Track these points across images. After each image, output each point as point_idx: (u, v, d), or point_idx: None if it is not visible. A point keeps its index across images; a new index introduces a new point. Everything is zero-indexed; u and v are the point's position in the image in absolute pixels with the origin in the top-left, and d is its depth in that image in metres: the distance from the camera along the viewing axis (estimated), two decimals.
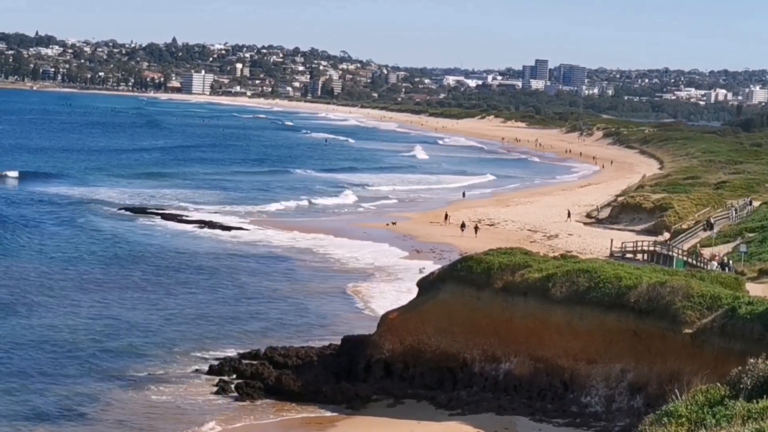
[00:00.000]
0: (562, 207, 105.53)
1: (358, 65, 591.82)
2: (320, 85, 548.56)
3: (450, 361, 45.96)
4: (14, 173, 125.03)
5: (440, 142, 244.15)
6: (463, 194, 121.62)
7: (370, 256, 77.58)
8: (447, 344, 46.16)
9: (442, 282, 47.79)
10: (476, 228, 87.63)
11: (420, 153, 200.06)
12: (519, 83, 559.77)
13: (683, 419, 16.03)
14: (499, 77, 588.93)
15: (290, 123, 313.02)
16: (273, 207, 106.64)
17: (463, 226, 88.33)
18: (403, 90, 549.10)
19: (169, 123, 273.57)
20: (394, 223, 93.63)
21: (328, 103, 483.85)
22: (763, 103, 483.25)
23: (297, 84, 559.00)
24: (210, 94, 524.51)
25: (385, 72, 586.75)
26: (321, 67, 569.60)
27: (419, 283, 49.88)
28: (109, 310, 57.51)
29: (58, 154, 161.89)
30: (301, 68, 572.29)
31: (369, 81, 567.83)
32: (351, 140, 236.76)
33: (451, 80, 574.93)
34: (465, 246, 75.71)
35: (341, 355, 48.19)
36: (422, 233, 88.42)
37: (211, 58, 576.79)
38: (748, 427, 14.04)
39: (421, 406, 43.09)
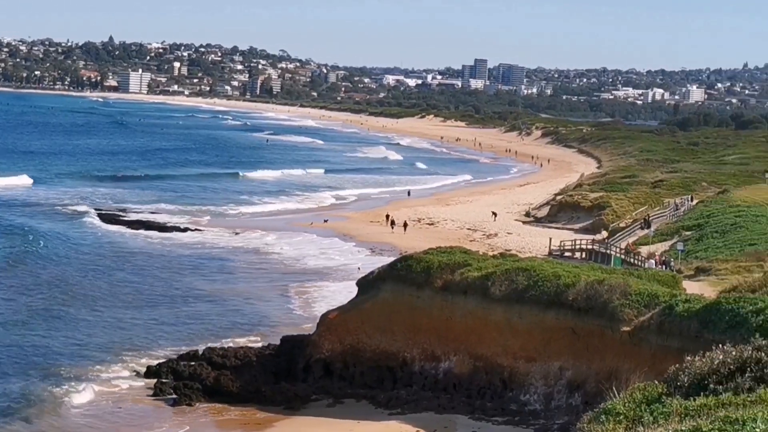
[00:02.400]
0: (501, 206, 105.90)
1: (298, 64, 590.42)
2: (259, 84, 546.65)
3: (390, 360, 45.90)
4: None
5: (401, 143, 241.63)
6: (408, 193, 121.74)
7: (310, 256, 77.41)
8: (387, 343, 46.09)
9: (382, 281, 47.71)
10: (405, 225, 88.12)
11: (390, 154, 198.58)
12: (458, 83, 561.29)
13: (621, 417, 16.03)
14: (439, 77, 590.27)
15: (249, 123, 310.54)
16: (220, 208, 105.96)
17: (392, 223, 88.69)
18: (343, 89, 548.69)
19: (143, 125, 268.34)
20: (326, 221, 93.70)
21: (267, 102, 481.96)
22: (700, 103, 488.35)
23: (235, 83, 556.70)
24: (147, 93, 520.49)
25: (325, 71, 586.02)
26: (260, 66, 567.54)
27: (359, 283, 49.76)
28: (45, 310, 56.71)
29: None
30: (239, 67, 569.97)
31: (308, 80, 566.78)
32: (320, 141, 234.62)
33: (390, 79, 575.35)
34: (405, 245, 75.73)
35: (280, 355, 47.96)
36: (362, 233, 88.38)
37: (148, 57, 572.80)
38: (685, 424, 14.06)
39: (360, 406, 42.99)
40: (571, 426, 29.80)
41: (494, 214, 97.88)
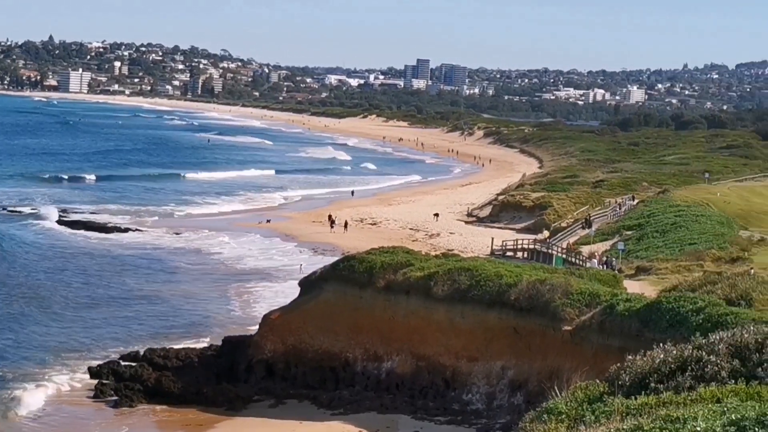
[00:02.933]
0: (443, 206, 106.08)
1: (239, 64, 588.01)
2: (201, 83, 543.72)
3: (332, 360, 45.81)
4: None
5: (348, 143, 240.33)
6: (352, 193, 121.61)
7: (252, 257, 77.18)
8: (329, 344, 46.00)
9: (325, 281, 47.63)
10: (345, 225, 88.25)
11: (339, 155, 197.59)
12: (401, 82, 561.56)
13: (563, 416, 16.06)
14: (381, 76, 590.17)
15: (196, 123, 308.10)
16: (162, 209, 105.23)
17: (332, 223, 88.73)
18: (285, 89, 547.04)
19: (88, 125, 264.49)
20: (268, 221, 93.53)
21: (209, 102, 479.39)
22: (640, 103, 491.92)
23: (177, 83, 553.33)
24: (88, 93, 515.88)
25: (267, 71, 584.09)
26: (201, 66, 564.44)
27: (301, 283, 49.63)
28: None
29: None
30: (180, 67, 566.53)
31: (250, 80, 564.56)
32: (267, 142, 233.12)
33: (333, 79, 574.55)
34: (347, 245, 75.66)
35: (222, 355, 47.74)
36: (305, 233, 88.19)
37: (88, 56, 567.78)
38: (627, 423, 14.09)
39: (303, 406, 42.87)
40: (513, 425, 29.88)
41: (436, 214, 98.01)
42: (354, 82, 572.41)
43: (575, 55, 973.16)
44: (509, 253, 71.24)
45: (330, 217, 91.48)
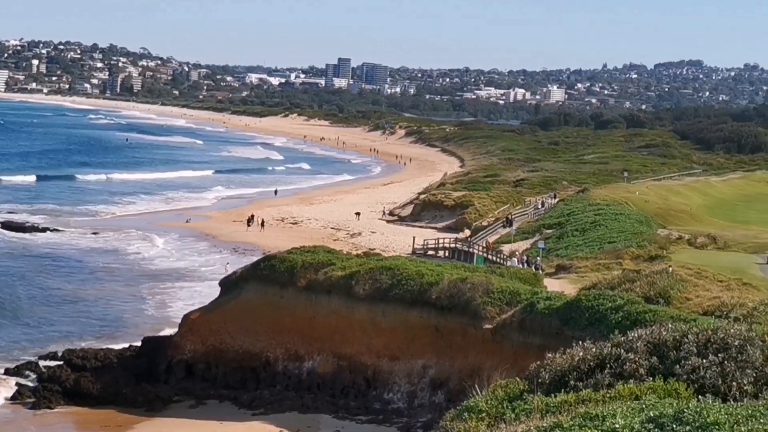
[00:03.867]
0: (365, 205, 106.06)
1: (159, 62, 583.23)
2: (119, 82, 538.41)
3: (253, 360, 45.61)
4: None
5: (275, 143, 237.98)
6: (275, 192, 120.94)
7: (169, 257, 76.63)
8: (250, 343, 45.78)
9: (245, 281, 47.40)
10: (262, 223, 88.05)
11: (272, 154, 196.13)
12: (322, 81, 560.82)
13: (483, 414, 16.05)
14: (303, 75, 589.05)
15: (123, 122, 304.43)
16: (80, 208, 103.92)
17: (249, 221, 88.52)
18: (205, 87, 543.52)
19: (12, 124, 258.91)
20: (188, 221, 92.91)
21: (128, 101, 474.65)
22: (560, 102, 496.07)
23: (95, 81, 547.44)
24: (5, 91, 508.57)
25: (187, 69, 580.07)
26: (120, 64, 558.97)
27: (221, 283, 49.36)
28: None
29: None
30: (99, 65, 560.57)
31: (170, 78, 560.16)
32: (198, 141, 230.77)
33: (253, 78, 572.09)
34: (268, 245, 75.34)
35: (141, 356, 47.31)
36: (224, 232, 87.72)
37: (6, 54, 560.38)
38: (547, 421, 14.12)
39: (223, 407, 42.63)
40: (434, 424, 29.92)
41: (358, 213, 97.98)
42: (275, 80, 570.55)
43: (496, 55, 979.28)
44: (430, 252, 71.38)
45: (252, 216, 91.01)
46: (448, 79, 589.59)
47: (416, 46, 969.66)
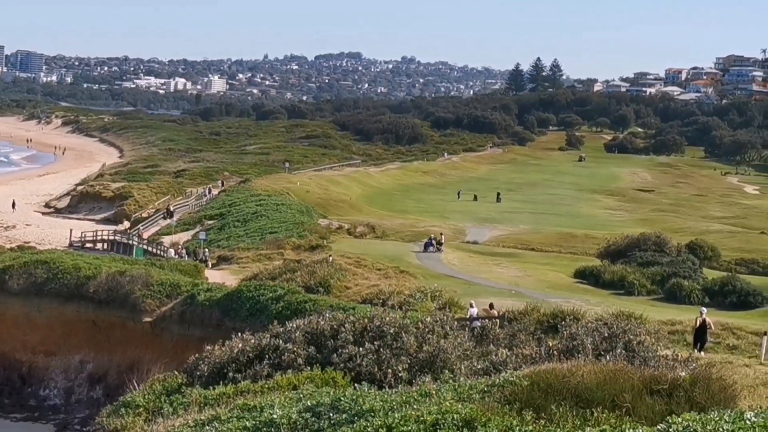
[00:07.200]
0: (19, 196, 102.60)
1: None
2: None
3: None
4: None
5: None
6: None
7: None
8: None
9: None
10: None
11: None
12: None
13: (141, 409, 15.85)
14: None
15: None
16: None
17: None
18: None
19: None
20: None
21: None
22: (222, 93, 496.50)
23: None
24: None
25: None
26: None
27: None
28: None
29: None
30: None
31: None
32: None
33: None
34: None
35: None
36: None
37: None
38: (205, 413, 14.02)
39: None
40: (90, 420, 29.28)
41: (13, 205, 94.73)
42: None
43: (157, 44, 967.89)
44: (89, 245, 70.04)
45: None
46: (106, 68, 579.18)
47: (74, 33, 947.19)
